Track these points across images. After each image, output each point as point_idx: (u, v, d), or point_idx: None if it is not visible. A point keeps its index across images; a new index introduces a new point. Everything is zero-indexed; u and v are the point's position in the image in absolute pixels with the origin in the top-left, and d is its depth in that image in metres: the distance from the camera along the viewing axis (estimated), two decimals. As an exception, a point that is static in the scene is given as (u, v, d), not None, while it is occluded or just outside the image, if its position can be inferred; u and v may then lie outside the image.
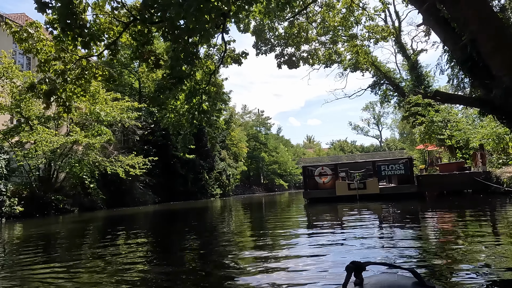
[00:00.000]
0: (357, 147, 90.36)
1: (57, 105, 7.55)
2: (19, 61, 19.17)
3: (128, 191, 20.48)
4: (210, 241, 5.59)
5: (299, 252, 4.10)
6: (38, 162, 14.44)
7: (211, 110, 11.36)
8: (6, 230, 9.93)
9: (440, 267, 3.10)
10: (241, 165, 39.94)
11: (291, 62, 20.69)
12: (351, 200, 11.98)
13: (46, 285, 3.19)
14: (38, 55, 7.40)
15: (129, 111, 17.62)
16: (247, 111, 53.50)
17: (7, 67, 14.10)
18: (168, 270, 3.68)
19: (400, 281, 0.95)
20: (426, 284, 0.90)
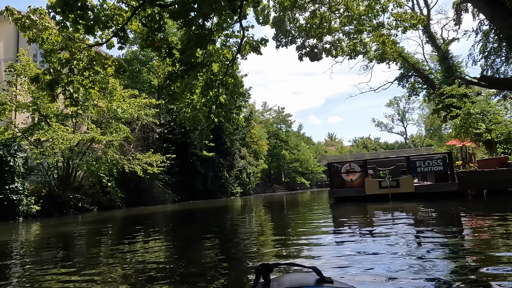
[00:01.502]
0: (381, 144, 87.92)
1: (64, 98, 7.07)
2: (40, 59, 19.21)
3: (147, 190, 20.18)
4: (229, 245, 5.19)
5: (323, 258, 3.67)
6: (55, 160, 14.26)
7: (229, 103, 10.67)
8: (23, 229, 9.66)
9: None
10: (261, 163, 39.18)
11: (313, 54, 19.71)
12: (383, 199, 10.97)
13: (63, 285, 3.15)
14: (44, 44, 6.92)
15: (147, 108, 17.25)
16: (267, 108, 52.71)
17: (25, 65, 13.96)
18: (187, 271, 3.56)
19: (304, 278, 1.03)
20: (326, 279, 1.00)
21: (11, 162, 11.91)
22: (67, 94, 6.98)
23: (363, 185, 11.46)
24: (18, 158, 12.29)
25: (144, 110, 16.98)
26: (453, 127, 16.60)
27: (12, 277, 3.63)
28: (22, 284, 3.25)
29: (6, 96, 13.60)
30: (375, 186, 11.20)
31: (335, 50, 20.12)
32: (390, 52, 20.89)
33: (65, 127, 13.96)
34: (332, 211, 10.04)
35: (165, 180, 22.21)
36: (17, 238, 7.67)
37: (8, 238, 7.51)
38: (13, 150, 12.22)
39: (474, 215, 7.06)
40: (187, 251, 4.75)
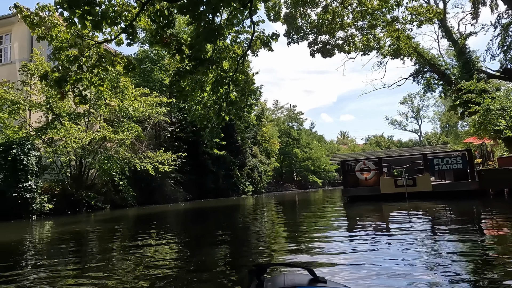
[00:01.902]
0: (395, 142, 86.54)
1: (74, 95, 7.00)
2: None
3: (158, 188, 20.22)
4: (240, 243, 5.13)
5: (336, 259, 3.56)
6: (67, 158, 14.36)
7: (240, 101, 10.50)
8: (37, 227, 9.72)
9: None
10: (273, 161, 38.92)
11: (325, 50, 19.37)
12: (398, 198, 10.62)
13: (77, 283, 3.17)
14: (53, 42, 6.87)
15: (158, 107, 17.23)
16: (279, 106, 52.37)
17: (38, 64, 14.08)
18: (197, 269, 3.53)
19: (297, 279, 1.02)
20: (319, 279, 1.01)
21: (25, 160, 12.03)
22: (76, 91, 6.91)
23: (378, 184, 11.12)
24: (32, 156, 12.40)
25: (155, 109, 16.97)
26: (471, 124, 16.03)
27: (26, 275, 3.62)
28: (36, 282, 3.24)
29: (20, 96, 13.74)
30: (390, 184, 10.85)
31: (348, 46, 19.71)
32: (404, 47, 20.35)
33: (77, 126, 14.02)
34: (345, 210, 9.77)
35: (176, 178, 22.22)
36: (31, 236, 7.71)
37: (22, 237, 7.52)
38: (26, 149, 12.34)
39: (497, 216, 6.70)
40: (198, 250, 4.72)
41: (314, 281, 1.00)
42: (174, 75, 6.01)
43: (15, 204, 11.69)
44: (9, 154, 11.76)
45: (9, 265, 4.28)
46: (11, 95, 13.38)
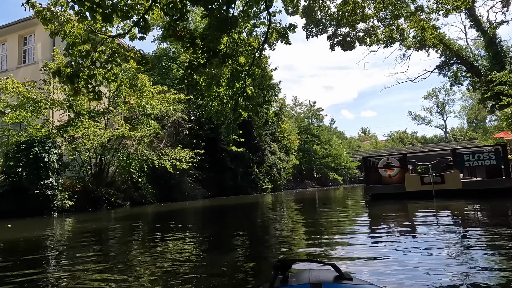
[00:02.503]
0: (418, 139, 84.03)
1: (87, 91, 6.91)
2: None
3: (177, 186, 20.25)
4: (259, 242, 5.00)
5: (357, 259, 3.38)
6: (86, 156, 14.53)
7: (257, 96, 10.20)
8: (58, 224, 9.83)
9: None
10: (292, 158, 38.43)
11: (345, 43, 18.73)
12: (425, 197, 10.03)
13: (97, 279, 3.21)
14: (67, 38, 6.78)
15: (175, 104, 17.20)
16: (298, 102, 51.70)
17: (59, 63, 14.28)
18: (216, 267, 3.48)
19: (322, 275, 1.00)
20: (345, 276, 0.98)
21: (46, 158, 12.21)
22: (90, 87, 6.81)
23: (402, 181, 10.55)
24: (53, 154, 12.58)
25: (173, 106, 16.94)
26: (503, 118, 15.07)
27: (48, 270, 3.67)
28: (57, 278, 3.27)
29: (41, 95, 13.98)
30: (416, 182, 10.26)
31: (369, 38, 19.00)
32: (430, 38, 19.39)
33: (96, 124, 14.14)
34: (368, 209, 9.31)
35: (195, 176, 22.22)
36: (53, 233, 7.76)
37: (44, 233, 7.56)
38: (47, 147, 12.53)
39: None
40: (216, 247, 4.68)
41: (339, 277, 0.98)
42: (187, 69, 5.78)
43: (37, 200, 11.90)
44: (31, 152, 11.97)
45: (32, 261, 4.34)
46: (33, 94, 13.62)
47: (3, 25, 21.01)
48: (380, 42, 19.19)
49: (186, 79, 5.86)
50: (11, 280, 3.22)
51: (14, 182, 12.10)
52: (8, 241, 6.49)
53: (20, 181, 12.06)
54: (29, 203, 11.84)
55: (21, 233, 7.81)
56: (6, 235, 7.37)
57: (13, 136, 13.28)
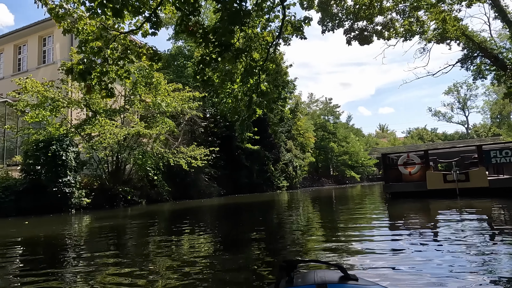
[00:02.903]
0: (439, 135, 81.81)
1: (100, 89, 6.89)
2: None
3: (193, 183, 20.29)
4: (275, 240, 4.90)
5: (375, 260, 3.23)
6: (103, 154, 14.68)
7: (271, 92, 10.00)
8: (76, 221, 9.95)
9: None
10: (308, 156, 37.98)
11: (362, 38, 18.25)
12: (448, 195, 9.58)
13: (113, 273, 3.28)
14: (79, 35, 6.76)
15: (190, 101, 17.18)
16: (314, 99, 51.09)
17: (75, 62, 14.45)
18: (231, 266, 3.41)
19: (328, 276, 1.00)
20: (350, 277, 0.98)
21: (64, 156, 12.38)
22: (103, 85, 6.78)
23: (424, 179, 10.11)
24: (70, 152, 12.76)
25: (188, 103, 16.92)
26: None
27: (66, 268, 3.69)
28: (75, 274, 3.30)
29: (59, 94, 14.20)
30: (439, 180, 9.81)
31: (388, 31, 18.46)
32: (451, 30, 18.68)
33: (111, 122, 14.26)
34: (387, 208, 8.97)
35: (210, 173, 22.22)
36: (71, 230, 7.84)
37: (61, 231, 7.62)
38: (65, 145, 12.71)
39: None
40: (232, 247, 4.64)
41: (345, 278, 0.98)
42: (199, 64, 5.64)
43: (55, 198, 12.09)
44: (49, 150, 12.15)
45: (50, 258, 4.39)
46: (51, 93, 13.85)
47: (23, 27, 21.55)
48: (399, 36, 18.61)
49: (199, 74, 5.72)
50: (31, 279, 3.24)
51: (34, 180, 12.34)
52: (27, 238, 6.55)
53: (39, 178, 12.29)
54: (48, 201, 12.05)
55: (40, 230, 7.91)
56: (25, 233, 7.46)
57: (32, 134, 13.55)
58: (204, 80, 5.90)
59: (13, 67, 22.17)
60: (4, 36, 22.34)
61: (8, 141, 16.25)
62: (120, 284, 2.88)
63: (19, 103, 13.97)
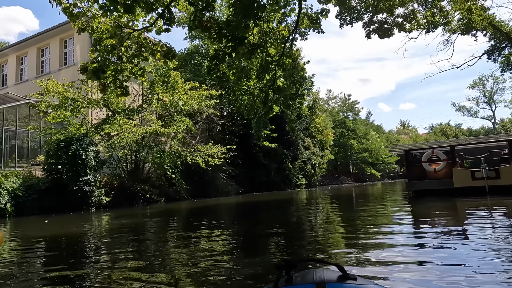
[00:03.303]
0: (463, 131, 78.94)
1: (114, 87, 6.86)
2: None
3: (210, 182, 20.30)
4: (293, 241, 4.69)
5: (398, 265, 3.01)
6: (121, 153, 14.84)
7: (288, 88, 9.76)
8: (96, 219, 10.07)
9: None
10: (327, 153, 37.40)
11: (382, 30, 17.66)
12: (476, 193, 9.07)
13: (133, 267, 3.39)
14: (94, 34, 6.75)
15: (207, 99, 17.14)
16: (332, 96, 50.27)
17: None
18: (249, 266, 3.37)
19: (327, 275, 1.00)
20: (349, 276, 0.98)
21: (83, 155, 12.58)
22: (117, 83, 6.75)
23: (450, 176, 9.61)
24: (90, 151, 12.95)
25: (205, 102, 16.89)
26: None
27: (85, 266, 3.71)
28: (95, 273, 3.31)
29: (79, 94, 14.44)
30: (466, 177, 9.30)
31: (409, 23, 17.79)
32: (478, 20, 17.82)
33: (129, 121, 14.38)
34: (410, 207, 8.58)
35: (228, 172, 22.17)
36: (90, 228, 7.91)
37: (81, 229, 7.70)
38: (85, 144, 12.91)
39: None
40: (250, 246, 4.61)
41: (343, 277, 0.98)
42: (212, 59, 5.48)
43: (76, 196, 12.30)
44: (69, 150, 12.37)
45: (71, 256, 4.43)
46: (71, 94, 14.10)
47: (45, 30, 22.12)
48: (421, 28, 17.89)
49: (213, 70, 5.56)
50: (54, 274, 3.34)
51: (55, 179, 12.60)
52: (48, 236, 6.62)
53: (60, 177, 12.53)
54: (69, 199, 12.27)
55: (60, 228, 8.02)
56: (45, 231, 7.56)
57: (54, 134, 13.84)
58: (219, 76, 5.74)
59: (37, 70, 22.82)
60: (27, 39, 23.02)
61: (32, 141, 16.71)
62: (139, 280, 2.92)
63: (41, 104, 14.30)
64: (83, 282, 3.00)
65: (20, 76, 23.98)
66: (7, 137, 15.95)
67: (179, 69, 20.31)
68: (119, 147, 14.41)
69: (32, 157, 16.36)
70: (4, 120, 15.88)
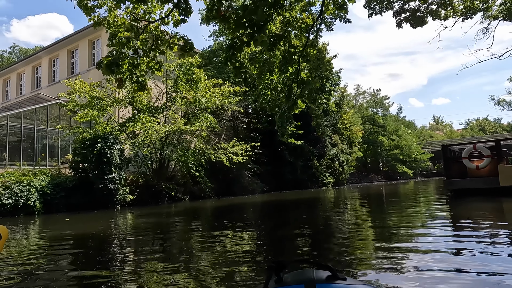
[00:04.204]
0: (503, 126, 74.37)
1: (131, 82, 6.65)
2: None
3: (235, 180, 20.04)
4: (320, 243, 4.59)
5: (434, 272, 2.75)
6: (146, 151, 14.86)
7: (313, 81, 9.22)
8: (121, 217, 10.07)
9: None
10: (356, 150, 36.18)
11: (415, 19, 16.60)
12: (527, 193, 8.16)
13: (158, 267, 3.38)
14: (110, 28, 6.55)
15: (231, 96, 16.86)
16: (361, 91, 48.64)
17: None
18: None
19: (316, 275, 1.02)
20: (338, 276, 1.00)
21: (108, 153, 12.66)
22: (134, 78, 6.54)
23: (495, 174, 8.68)
24: (115, 150, 13.01)
25: (228, 99, 16.61)
26: None
27: (109, 267, 3.69)
28: (119, 275, 3.27)
29: (105, 93, 14.59)
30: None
31: (444, 10, 16.62)
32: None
33: (152, 119, 14.34)
34: (449, 208, 7.82)
35: (253, 170, 21.84)
36: (114, 227, 7.90)
37: (106, 227, 7.68)
38: (110, 143, 12.99)
39: None
40: (276, 247, 4.46)
41: (333, 277, 1.00)
42: (229, 48, 5.09)
43: (101, 194, 12.39)
44: (95, 148, 12.48)
45: (95, 255, 4.48)
46: (97, 93, 14.26)
47: (75, 32, 22.75)
48: (458, 14, 16.62)
49: (229, 60, 5.18)
50: (78, 273, 3.38)
51: (82, 177, 12.77)
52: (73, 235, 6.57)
53: (87, 176, 12.69)
54: (95, 197, 12.39)
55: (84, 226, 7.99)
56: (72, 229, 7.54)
57: (81, 133, 14.07)
58: (237, 67, 5.35)
59: (67, 71, 23.53)
60: (58, 42, 23.79)
61: (63, 140, 17.16)
62: (163, 280, 2.93)
63: (69, 103, 14.58)
64: (107, 280, 2.99)
65: (53, 77, 24.83)
66: (39, 136, 16.47)
67: (203, 67, 20.17)
68: (143, 145, 14.43)
69: (63, 156, 16.80)
70: (36, 120, 16.40)
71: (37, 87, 25.75)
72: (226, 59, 5.14)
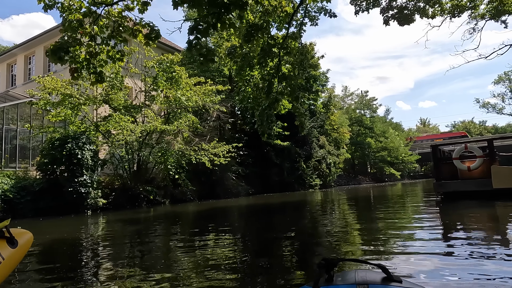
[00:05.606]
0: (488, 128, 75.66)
1: (88, 73, 5.92)
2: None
3: (219, 182, 19.29)
4: (306, 248, 4.32)
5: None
6: (120, 151, 14.04)
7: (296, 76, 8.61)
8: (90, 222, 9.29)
9: None
10: (343, 152, 35.81)
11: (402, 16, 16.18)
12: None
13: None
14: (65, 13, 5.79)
15: (213, 95, 16.15)
16: (349, 93, 48.52)
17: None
18: (263, 268, 3.26)
19: (369, 276, 0.97)
20: (393, 278, 0.94)
21: (79, 155, 11.81)
22: (92, 68, 5.80)
23: (488, 176, 8.21)
24: (86, 150, 12.17)
25: (210, 97, 15.90)
26: None
27: (83, 274, 3.46)
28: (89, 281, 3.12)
29: (77, 91, 13.72)
30: (508, 176, 7.89)
31: (432, 8, 16.29)
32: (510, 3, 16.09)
33: (127, 118, 13.53)
34: (439, 212, 7.30)
35: (238, 171, 21.14)
36: (86, 233, 7.23)
37: (66, 235, 6.89)
38: (81, 143, 12.14)
39: None
40: (260, 253, 4.24)
41: (387, 279, 0.94)
42: (192, 31, 4.41)
43: (71, 198, 11.55)
44: (64, 149, 11.62)
45: (69, 262, 4.14)
46: (67, 90, 13.39)
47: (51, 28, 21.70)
48: (445, 13, 16.34)
49: (194, 46, 4.49)
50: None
51: (50, 180, 11.89)
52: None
53: (56, 178, 11.82)
54: (64, 201, 11.53)
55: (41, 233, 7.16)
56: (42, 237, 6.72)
57: (51, 133, 13.17)
58: (202, 54, 4.66)
59: (43, 69, 22.41)
60: (34, 38, 22.67)
61: (36, 141, 16.15)
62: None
63: (39, 101, 13.67)
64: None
65: (28, 75, 23.69)
66: (7, 136, 15.44)
67: (186, 65, 19.40)
68: (118, 145, 13.60)
69: (34, 157, 15.80)
70: (4, 119, 15.37)
71: (12, 85, 24.54)
72: (189, 44, 4.46)
